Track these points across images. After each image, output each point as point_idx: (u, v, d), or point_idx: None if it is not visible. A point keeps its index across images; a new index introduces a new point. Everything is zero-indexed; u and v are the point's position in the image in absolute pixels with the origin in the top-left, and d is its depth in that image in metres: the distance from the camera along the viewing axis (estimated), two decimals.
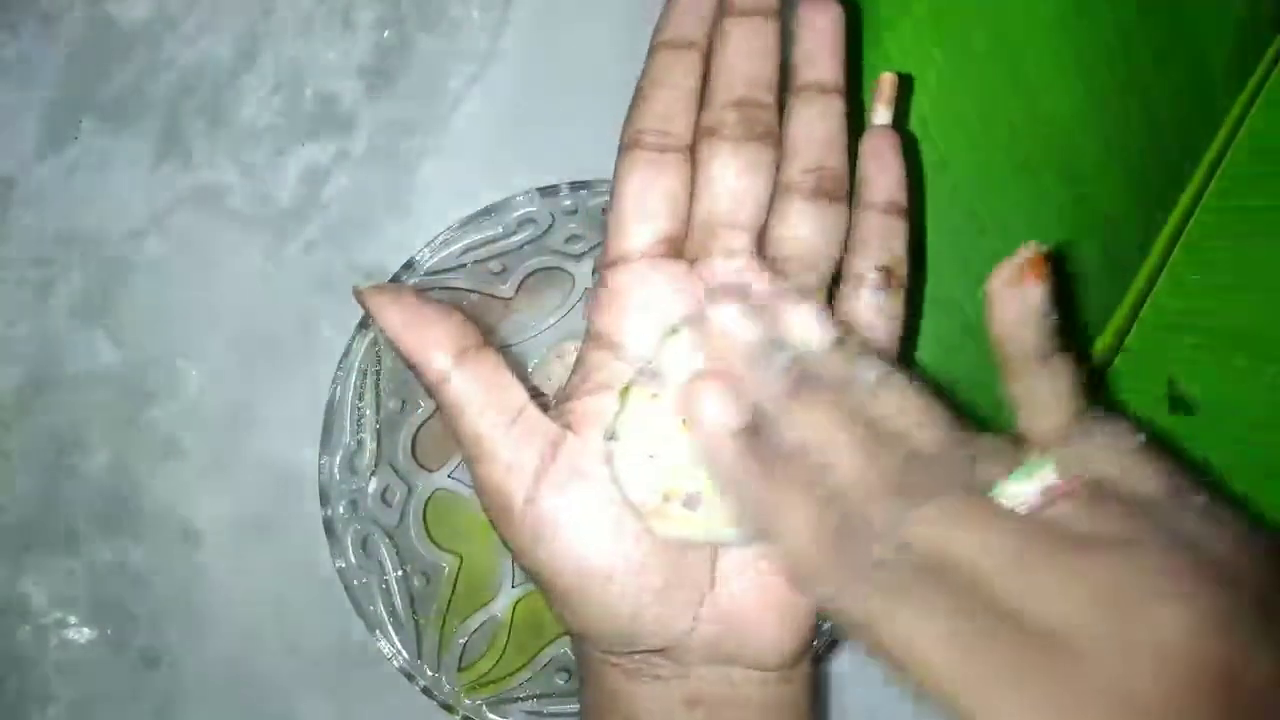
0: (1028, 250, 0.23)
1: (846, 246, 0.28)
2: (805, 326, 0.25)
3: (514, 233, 0.38)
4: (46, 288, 0.43)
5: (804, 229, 0.27)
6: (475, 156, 0.43)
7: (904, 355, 0.29)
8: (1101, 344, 0.40)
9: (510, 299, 0.40)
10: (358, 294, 0.26)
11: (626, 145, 0.27)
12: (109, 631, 0.42)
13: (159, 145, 0.43)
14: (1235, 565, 0.20)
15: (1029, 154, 0.38)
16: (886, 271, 0.27)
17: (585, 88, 0.43)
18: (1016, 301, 0.23)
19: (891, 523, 0.21)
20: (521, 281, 0.39)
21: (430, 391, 0.26)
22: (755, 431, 0.23)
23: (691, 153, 0.27)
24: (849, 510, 0.22)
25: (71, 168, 0.43)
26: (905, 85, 0.30)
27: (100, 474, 0.43)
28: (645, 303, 0.26)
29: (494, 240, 0.38)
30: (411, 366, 0.26)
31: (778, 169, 0.27)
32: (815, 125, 0.27)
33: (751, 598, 0.26)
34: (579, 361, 0.27)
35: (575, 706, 0.37)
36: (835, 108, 0.27)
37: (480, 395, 0.25)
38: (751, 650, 0.27)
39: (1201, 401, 0.40)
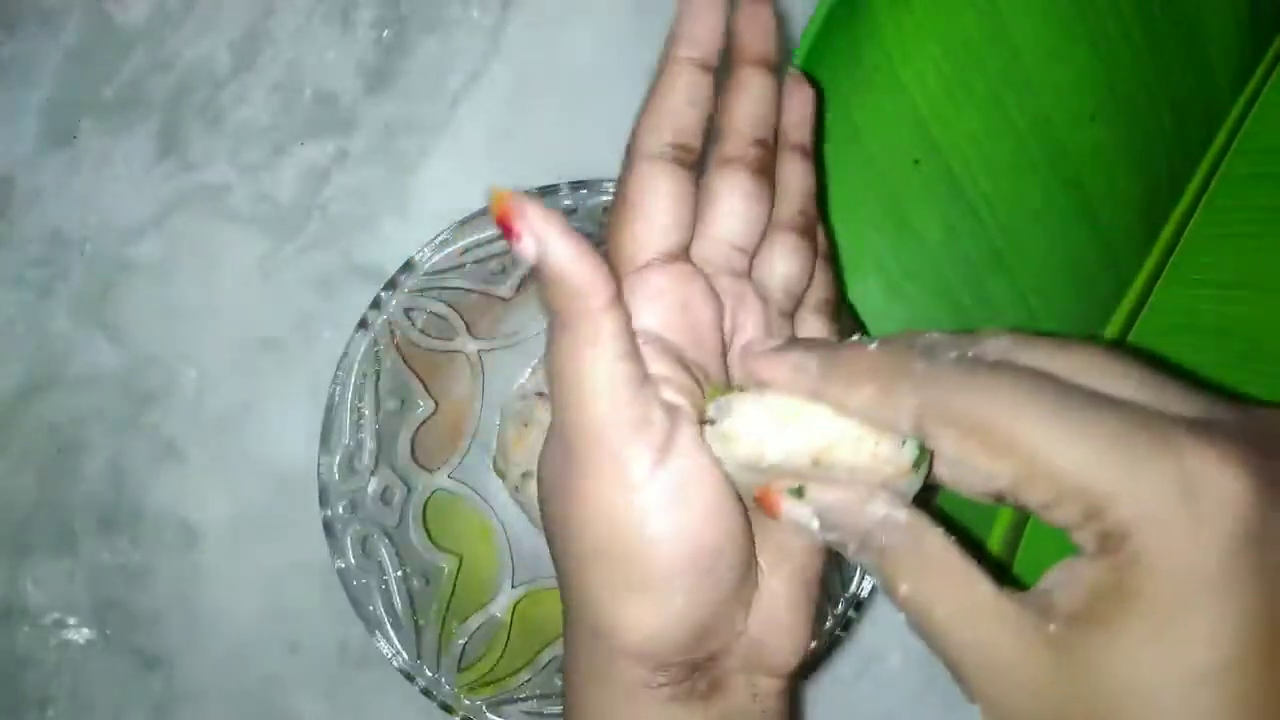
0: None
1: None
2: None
3: None
4: (46, 288, 0.43)
5: (792, 263, 0.29)
6: (475, 156, 0.43)
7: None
8: None
9: (510, 299, 0.39)
10: (502, 200, 0.23)
11: (651, 154, 0.27)
12: (108, 632, 0.42)
13: (158, 145, 0.43)
14: None
15: (1029, 153, 0.38)
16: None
17: (585, 88, 0.43)
18: None
19: (956, 342, 0.24)
20: (521, 281, 0.39)
21: (575, 325, 0.24)
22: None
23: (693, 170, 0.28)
24: (911, 344, 0.24)
25: (70, 168, 0.43)
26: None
27: (100, 474, 0.43)
28: (686, 302, 0.27)
29: (493, 240, 0.38)
30: (560, 290, 0.24)
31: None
32: (800, 178, 0.30)
33: (782, 598, 0.27)
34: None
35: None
36: (811, 167, 0.31)
37: (628, 341, 0.24)
38: (779, 654, 0.27)
39: None
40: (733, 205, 0.28)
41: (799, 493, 0.25)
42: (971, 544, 0.23)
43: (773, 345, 0.27)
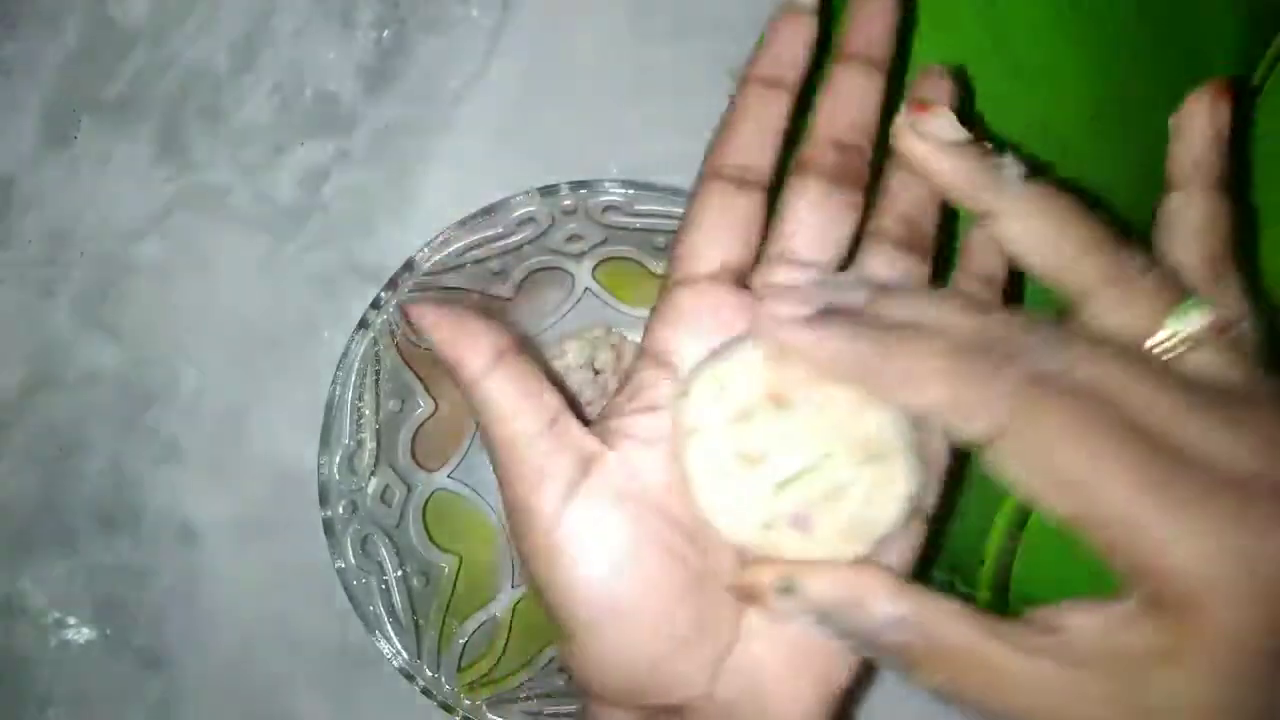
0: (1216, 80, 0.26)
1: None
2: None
3: (513, 233, 0.38)
4: (46, 288, 0.43)
5: (887, 274, 0.26)
6: (475, 156, 0.43)
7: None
8: None
9: (510, 299, 0.39)
10: (403, 308, 0.26)
11: (706, 175, 0.27)
12: (108, 631, 0.42)
13: (158, 145, 0.43)
14: None
15: (1030, 155, 0.38)
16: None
17: (585, 88, 0.43)
18: (1209, 118, 0.26)
19: (1047, 347, 0.22)
20: (521, 281, 0.39)
21: (465, 394, 0.25)
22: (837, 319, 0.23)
23: (772, 192, 0.27)
24: (994, 343, 0.22)
25: (71, 168, 0.43)
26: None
27: (100, 474, 0.43)
28: (706, 326, 0.25)
29: (493, 240, 0.38)
30: (448, 367, 0.25)
31: (863, 221, 0.27)
32: (907, 186, 0.27)
33: (779, 657, 0.25)
34: (627, 379, 0.26)
35: (575, 707, 0.37)
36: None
37: (513, 399, 0.25)
38: (772, 717, 0.25)
39: None
40: (797, 216, 0.26)
41: (789, 589, 0.23)
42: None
43: (805, 299, 0.24)
